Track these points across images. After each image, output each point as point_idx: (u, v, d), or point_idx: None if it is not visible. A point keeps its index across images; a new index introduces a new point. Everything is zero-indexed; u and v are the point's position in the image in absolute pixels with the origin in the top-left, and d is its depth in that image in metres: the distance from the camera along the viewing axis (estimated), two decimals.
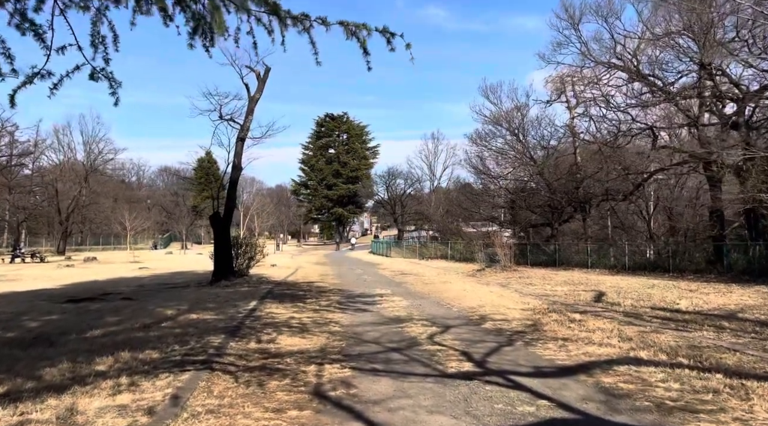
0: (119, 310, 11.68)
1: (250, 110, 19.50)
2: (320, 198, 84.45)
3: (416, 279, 19.92)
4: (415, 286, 17.24)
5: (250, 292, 15.06)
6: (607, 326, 8.90)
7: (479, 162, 34.24)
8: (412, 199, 74.63)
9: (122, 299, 14.10)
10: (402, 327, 9.46)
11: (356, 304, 12.66)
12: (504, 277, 19.28)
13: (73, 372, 6.00)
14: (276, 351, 7.44)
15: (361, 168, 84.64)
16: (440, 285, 17.28)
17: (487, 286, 16.51)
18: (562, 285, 16.17)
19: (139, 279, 21.61)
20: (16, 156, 55.09)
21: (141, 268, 27.35)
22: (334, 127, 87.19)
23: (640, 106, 25.06)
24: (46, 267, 29.69)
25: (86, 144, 65.63)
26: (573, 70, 34.22)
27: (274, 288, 16.67)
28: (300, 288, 16.96)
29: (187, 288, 17.08)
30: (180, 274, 23.60)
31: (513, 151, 33.27)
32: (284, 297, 14.13)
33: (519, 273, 20.36)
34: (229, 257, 18.66)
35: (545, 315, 10.38)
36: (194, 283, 18.44)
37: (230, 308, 11.64)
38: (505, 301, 12.61)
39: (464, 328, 9.33)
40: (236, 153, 19.34)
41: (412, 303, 12.74)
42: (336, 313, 11.23)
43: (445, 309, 11.74)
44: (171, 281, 19.99)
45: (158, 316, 10.53)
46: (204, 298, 13.66)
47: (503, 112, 33.71)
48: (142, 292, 16.25)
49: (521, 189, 35.32)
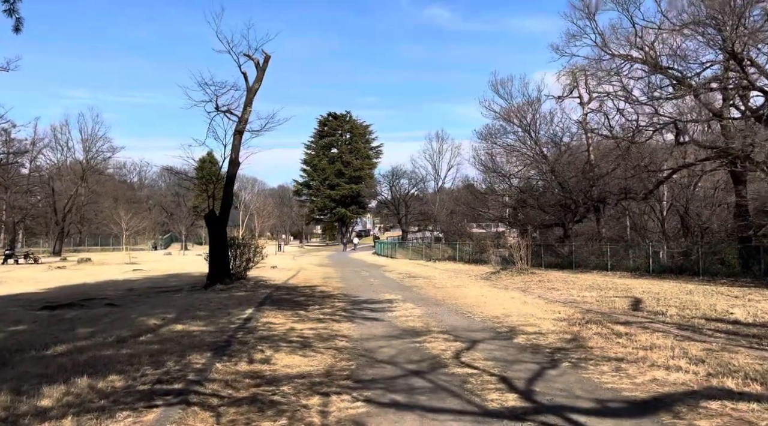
0: (97, 319, 10.34)
1: (249, 101, 18.17)
2: (323, 198, 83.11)
3: (426, 282, 18.54)
4: (427, 290, 15.87)
5: (246, 298, 13.72)
6: (664, 342, 7.52)
7: (489, 159, 32.86)
8: (416, 200, 73.28)
9: (105, 305, 12.77)
10: (420, 342, 8.10)
11: (364, 312, 11.29)
12: (521, 281, 17.89)
13: (8, 410, 4.65)
14: (271, 375, 6.09)
15: (365, 168, 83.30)
16: (454, 290, 15.89)
17: (505, 291, 15.12)
18: (588, 290, 14.77)
19: (130, 282, 20.30)
20: (13, 154, 53.90)
21: (135, 269, 26.07)
22: (337, 126, 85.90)
23: (662, 99, 23.63)
24: (38, 268, 28.42)
25: (85, 142, 64.44)
26: (587, 64, 32.87)
27: (273, 292, 15.32)
28: (301, 292, 15.60)
29: (179, 292, 15.76)
30: (175, 277, 22.30)
31: (525, 148, 31.89)
32: (284, 303, 12.77)
33: (537, 276, 18.97)
34: (226, 259, 17.33)
35: (583, 327, 9.00)
36: (188, 287, 17.12)
37: (222, 317, 10.29)
38: (531, 310, 11.23)
39: (493, 343, 7.96)
40: (233, 147, 18.01)
41: (426, 311, 11.36)
42: (342, 323, 9.86)
43: (466, 319, 10.36)
44: (163, 284, 18.67)
45: (138, 327, 9.19)
46: (195, 305, 12.32)
47: (514, 108, 32.36)
48: (129, 297, 14.93)
49: (532, 187, 33.95)
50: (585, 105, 35.11)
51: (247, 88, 18.24)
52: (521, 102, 32.19)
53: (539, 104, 32.20)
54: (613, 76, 28.13)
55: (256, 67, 18.32)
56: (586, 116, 34.83)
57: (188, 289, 16.68)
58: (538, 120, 32.88)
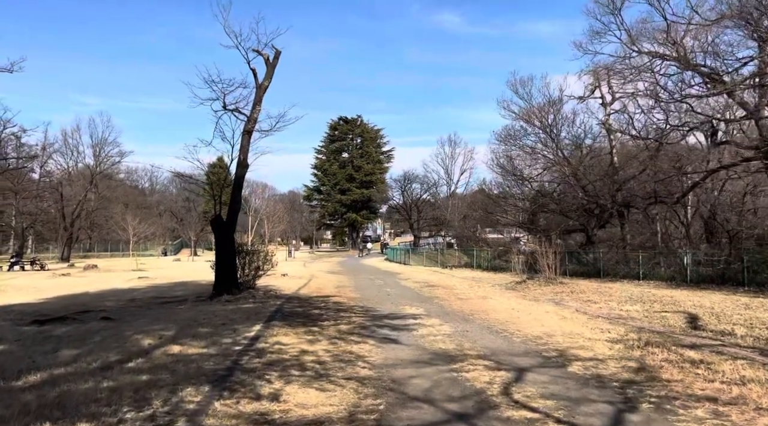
0: (87, 336, 9.22)
1: (258, 99, 17.09)
2: (333, 203, 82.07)
3: (448, 293, 17.27)
4: (450, 302, 14.59)
5: (254, 311, 12.55)
6: (755, 374, 6.21)
7: (508, 161, 31.53)
8: (428, 205, 71.91)
9: (100, 319, 11.67)
10: (457, 370, 6.85)
11: (385, 330, 10.05)
12: (552, 292, 16.55)
13: None
14: (282, 418, 4.88)
15: (376, 172, 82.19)
16: (480, 301, 14.61)
17: (537, 304, 13.81)
18: (629, 303, 13.41)
19: (133, 291, 19.26)
20: (23, 159, 53.47)
21: (141, 277, 25.06)
22: (348, 130, 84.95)
23: (697, 96, 22.22)
24: (42, 276, 27.54)
25: (95, 147, 63.98)
26: (611, 62, 31.53)
27: (284, 304, 14.14)
28: (314, 304, 14.41)
29: (183, 303, 14.65)
30: (181, 285, 21.24)
31: (546, 150, 30.56)
32: (295, 317, 11.58)
33: (566, 286, 17.61)
34: (233, 267, 16.20)
35: (645, 351, 7.70)
36: (193, 297, 16.01)
37: (226, 335, 9.12)
38: (574, 327, 9.92)
39: (545, 372, 6.68)
40: (242, 148, 16.92)
41: (456, 328, 10.10)
42: (362, 343, 8.63)
43: (503, 338, 9.08)
44: (167, 294, 17.59)
45: (130, 348, 8.04)
46: (198, 319, 11.18)
47: (535, 108, 31.03)
48: (129, 308, 13.83)
49: (553, 191, 32.56)
50: (608, 105, 33.73)
51: (256, 86, 17.17)
52: (542, 102, 30.91)
53: (561, 104, 30.90)
54: (640, 74, 26.79)
55: (266, 64, 17.26)
56: (609, 117, 33.49)
57: (193, 299, 15.58)
58: (559, 121, 31.56)
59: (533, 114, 31.24)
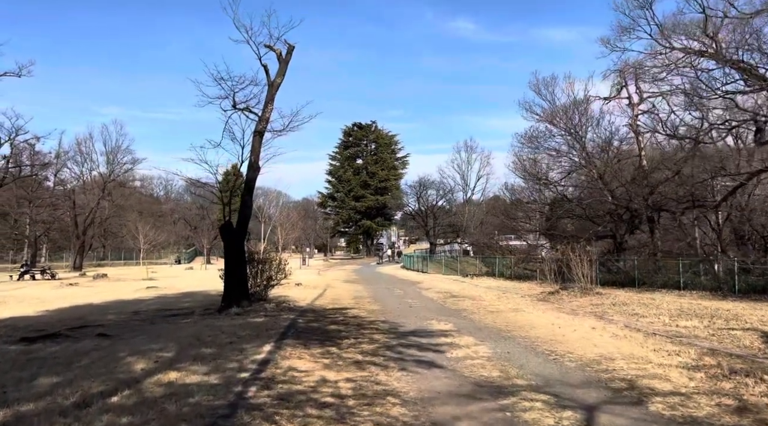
0: (74, 359, 8.10)
1: (271, 97, 16.01)
2: (347, 210, 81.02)
3: (475, 305, 15.92)
4: (481, 316, 13.26)
5: (265, 326, 11.36)
6: None
7: (532, 164, 30.11)
8: (443, 212, 70.43)
9: (96, 336, 10.56)
10: (509, 407, 5.56)
11: (413, 351, 8.78)
12: (590, 304, 15.13)
13: None
14: None
15: (390, 178, 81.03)
16: (513, 315, 13.25)
17: (578, 318, 12.42)
18: (683, 317, 11.96)
19: (139, 302, 18.22)
20: (37, 165, 53.26)
21: (149, 287, 24.08)
22: (362, 136, 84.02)
23: (741, 93, 20.70)
24: (50, 285, 26.72)
25: (108, 155, 63.69)
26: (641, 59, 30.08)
27: (298, 318, 12.93)
28: (331, 318, 13.18)
29: (189, 317, 13.52)
30: (189, 296, 20.18)
31: (573, 152, 29.11)
32: (311, 335, 10.36)
33: (605, 297, 16.16)
34: (243, 277, 15.06)
35: (734, 381, 6.34)
36: (200, 310, 14.89)
37: (232, 358, 7.92)
38: (634, 348, 8.56)
39: (621, 413, 5.36)
40: (253, 149, 15.84)
41: (495, 349, 8.79)
42: (389, 370, 7.37)
43: (554, 363, 7.76)
44: (174, 306, 16.50)
45: (120, 374, 6.89)
46: (203, 336, 10.01)
47: (559, 109, 29.64)
48: (131, 323, 12.73)
49: (578, 196, 31.03)
50: (635, 106, 32.24)
51: (268, 83, 16.11)
52: (566, 103, 29.52)
53: (586, 105, 29.46)
54: (674, 71, 25.33)
55: (278, 60, 16.20)
56: (637, 118, 31.99)
57: (200, 312, 14.45)
58: (584, 123, 30.11)
59: (557, 115, 29.85)
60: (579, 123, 29.59)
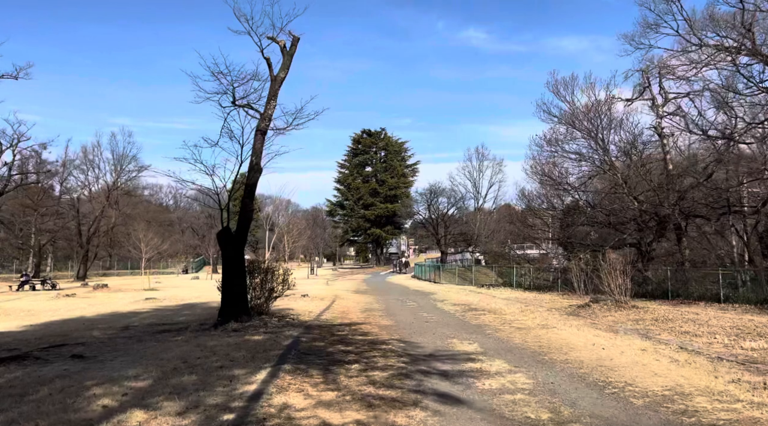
0: (32, 389, 6.75)
1: (274, 93, 14.73)
2: (357, 218, 79.65)
3: (498, 320, 14.40)
4: (508, 334, 11.75)
5: (263, 346, 9.95)
6: None
7: (552, 168, 28.57)
8: (453, 221, 68.75)
9: (70, 358, 9.24)
10: None
11: (435, 379, 7.33)
12: (627, 319, 13.55)
13: None
14: None
15: (400, 186, 79.65)
16: (544, 332, 11.73)
17: (619, 337, 10.87)
18: (747, 337, 10.38)
19: (133, 315, 16.93)
20: (42, 174, 52.55)
21: (148, 298, 22.81)
22: (371, 143, 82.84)
23: None
24: (45, 296, 25.55)
25: (116, 163, 62.90)
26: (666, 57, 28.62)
27: (301, 336, 11.51)
28: (338, 335, 11.75)
29: (182, 333, 12.16)
30: (188, 308, 18.85)
31: (596, 156, 27.57)
32: (314, 358, 8.93)
33: (642, 311, 14.56)
34: (242, 289, 13.70)
35: None
36: (196, 324, 13.54)
37: (217, 391, 6.52)
38: (704, 379, 7.03)
39: None
40: (254, 150, 14.54)
41: (535, 378, 7.29)
42: (407, 408, 5.91)
43: (613, 398, 6.25)
44: (169, 320, 15.17)
45: (74, 413, 5.52)
46: (191, 359, 8.64)
47: (579, 111, 28.15)
48: (115, 341, 11.39)
49: (599, 202, 29.41)
50: (659, 107, 30.68)
51: (270, 78, 14.84)
52: (587, 103, 28.03)
53: (609, 105, 27.96)
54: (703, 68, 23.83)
55: (282, 52, 14.95)
56: (661, 120, 30.41)
57: (195, 327, 13.09)
58: (606, 125, 28.57)
59: (577, 117, 28.36)
60: (600, 125, 28.07)
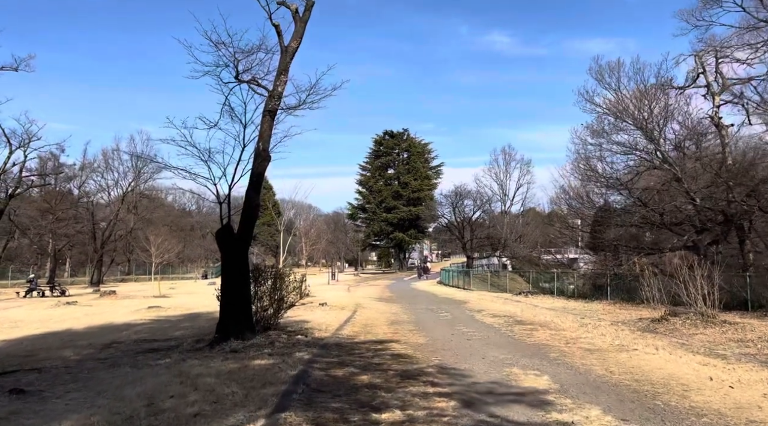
0: None
1: (284, 67, 12.41)
2: (379, 222, 77.15)
3: (558, 338, 11.74)
4: (578, 358, 9.12)
5: (263, 377, 7.53)
6: None
7: (599, 161, 25.72)
8: (478, 225, 65.67)
9: (8, 392, 6.98)
10: None
11: None
12: (725, 338, 10.77)
13: None
14: None
15: (424, 188, 76.92)
16: (627, 357, 9.07)
17: (740, 367, 8.16)
18: None
19: (127, 328, 14.77)
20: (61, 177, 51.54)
21: (152, 307, 20.73)
22: (394, 144, 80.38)
23: None
24: (45, 305, 23.71)
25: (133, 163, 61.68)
26: (725, 38, 25.68)
27: (315, 360, 9.06)
28: (362, 360, 9.28)
29: (169, 354, 9.86)
30: (191, 319, 16.64)
31: (646, 149, 24.66)
32: (329, 399, 6.47)
33: (740, 328, 11.69)
34: (246, 299, 11.35)
35: None
36: (190, 342, 11.24)
37: None
38: None
39: None
40: (261, 134, 12.23)
41: None
42: None
43: None
44: (163, 335, 12.93)
45: None
46: (159, 400, 6.28)
47: (627, 99, 25.27)
48: (83, 364, 9.14)
49: (650, 200, 26.41)
50: (716, 95, 27.62)
51: (281, 49, 12.53)
52: (636, 90, 25.15)
53: (661, 93, 25.05)
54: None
55: (294, 19, 12.63)
56: (718, 109, 27.32)
57: (189, 345, 10.79)
58: (657, 115, 25.63)
59: (624, 106, 25.49)
60: (651, 115, 25.14)
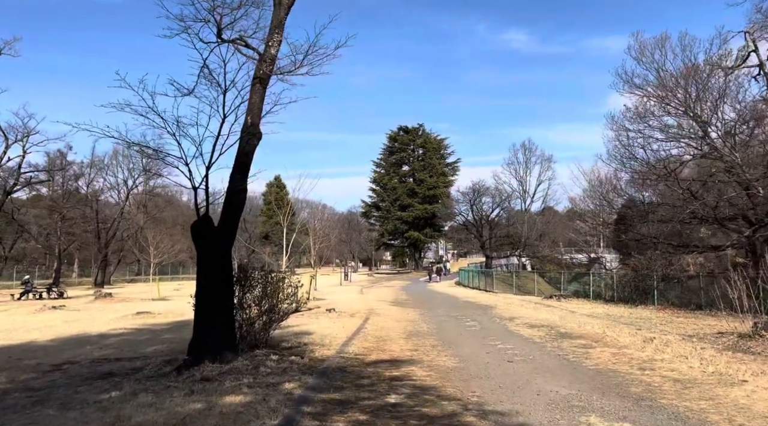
0: None
1: (278, 24, 10.04)
2: (393, 220, 74.69)
3: (625, 361, 9.20)
4: (675, 399, 6.61)
5: (237, 423, 5.18)
6: None
7: (639, 149, 23.01)
8: (497, 224, 62.97)
9: None
10: None
11: None
12: None
13: None
14: None
15: (440, 186, 74.33)
16: (738, 394, 6.56)
17: None
18: None
19: (95, 341, 12.59)
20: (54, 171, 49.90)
21: (140, 312, 18.59)
22: (409, 140, 77.86)
23: None
24: (27, 309, 21.71)
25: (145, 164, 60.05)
26: None
27: (309, 396, 6.66)
28: (373, 397, 6.87)
29: (125, 382, 7.56)
30: (176, 330, 14.43)
31: (692, 134, 21.90)
32: None
33: None
34: (226, 310, 9.01)
35: None
36: (155, 365, 8.92)
37: None
38: None
39: None
40: (250, 106, 9.89)
41: None
42: None
43: None
44: (127, 354, 10.66)
45: None
46: None
47: (671, 80, 22.53)
48: (11, 394, 6.88)
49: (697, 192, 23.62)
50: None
51: (273, 2, 10.19)
52: (682, 69, 22.40)
53: (710, 73, 22.28)
54: None
55: None
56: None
57: (152, 370, 8.49)
58: (704, 98, 22.84)
59: (669, 88, 22.74)
60: (700, 97, 22.37)
